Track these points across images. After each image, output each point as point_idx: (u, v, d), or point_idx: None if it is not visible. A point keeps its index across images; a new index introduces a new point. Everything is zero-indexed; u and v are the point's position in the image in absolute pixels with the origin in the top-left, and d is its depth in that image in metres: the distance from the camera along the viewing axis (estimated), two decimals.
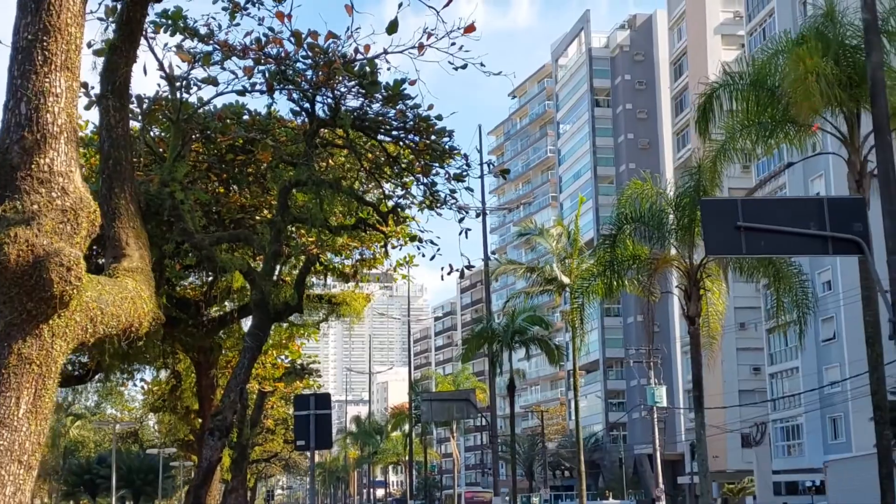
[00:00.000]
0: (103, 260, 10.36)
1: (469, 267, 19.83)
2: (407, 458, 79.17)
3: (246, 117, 17.39)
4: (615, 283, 24.58)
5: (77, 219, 6.84)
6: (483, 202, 32.95)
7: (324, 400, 16.02)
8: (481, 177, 33.99)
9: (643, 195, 24.94)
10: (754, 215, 16.30)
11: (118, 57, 9.76)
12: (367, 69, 16.01)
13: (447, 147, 18.38)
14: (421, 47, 15.54)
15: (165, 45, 14.99)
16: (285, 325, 28.34)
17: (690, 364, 25.17)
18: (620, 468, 79.82)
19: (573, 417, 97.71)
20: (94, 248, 15.36)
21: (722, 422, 65.55)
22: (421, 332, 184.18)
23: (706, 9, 77.78)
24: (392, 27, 13.56)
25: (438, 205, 19.20)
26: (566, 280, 36.56)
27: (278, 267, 20.89)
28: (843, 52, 17.55)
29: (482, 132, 39.58)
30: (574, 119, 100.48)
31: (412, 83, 16.45)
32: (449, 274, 20.33)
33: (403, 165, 19.55)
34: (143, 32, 12.08)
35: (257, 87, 16.16)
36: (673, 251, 24.94)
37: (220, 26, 15.05)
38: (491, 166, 20.58)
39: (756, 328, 69.77)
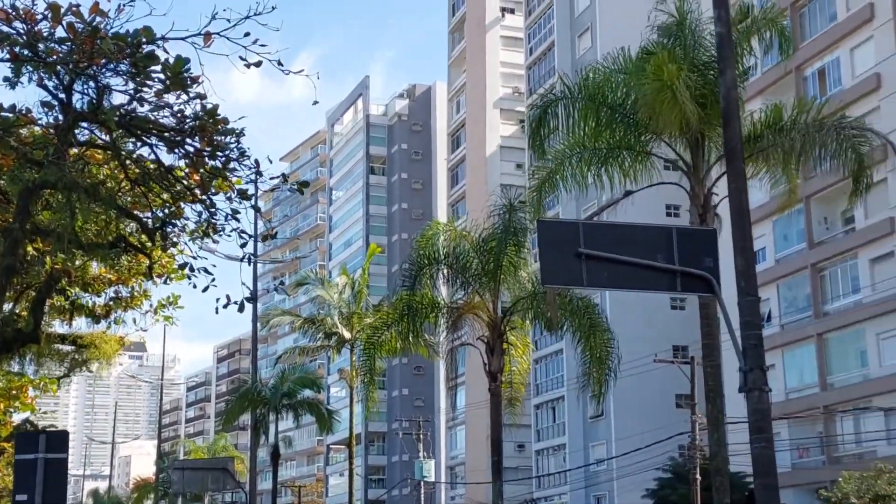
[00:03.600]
0: None
1: (250, 299, 16.50)
2: None
3: None
4: (412, 332, 21.89)
5: None
6: (255, 242, 29.46)
7: (58, 440, 12.02)
8: (254, 236, 30.76)
9: (448, 236, 22.51)
10: (597, 242, 13.90)
11: None
12: (143, 38, 12.78)
13: (234, 148, 15.01)
14: (208, 36, 12.55)
15: None
16: (15, 367, 23.81)
17: (492, 426, 22.62)
18: None
19: (329, 495, 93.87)
20: None
21: (485, 498, 63.81)
22: (171, 404, 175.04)
23: (486, 83, 77.92)
24: None
25: (215, 231, 15.71)
26: (347, 335, 33.66)
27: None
28: (692, 69, 15.90)
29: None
30: (348, 186, 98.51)
31: (198, 81, 13.28)
32: (226, 307, 16.83)
33: (180, 175, 15.85)
34: None
35: None
36: (477, 298, 22.56)
37: None
38: (286, 178, 17.36)
39: (524, 404, 68.77)
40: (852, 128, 16.25)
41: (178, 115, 14.09)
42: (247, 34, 12.18)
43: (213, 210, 15.41)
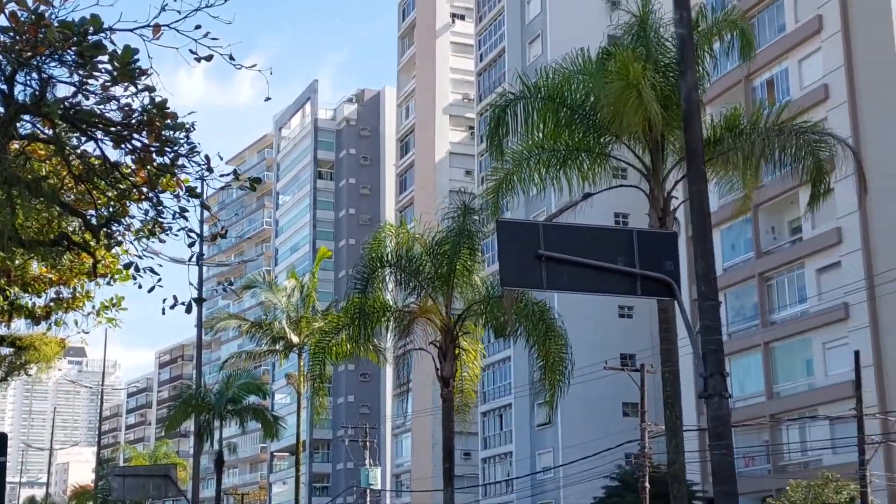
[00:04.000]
0: None
1: (198, 300, 15.98)
2: None
3: None
4: (364, 336, 21.43)
5: None
6: (201, 242, 28.77)
7: None
8: (200, 236, 30.15)
9: (401, 239, 22.09)
10: (557, 244, 13.61)
11: None
12: (90, 27, 12.25)
13: (183, 143, 14.48)
14: (157, 28, 12.05)
15: None
16: None
17: (444, 432, 22.23)
18: None
19: (273, 503, 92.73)
20: None
21: None
22: (111, 410, 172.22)
23: (436, 89, 77.63)
24: None
25: (162, 230, 15.19)
26: (296, 339, 33.07)
27: None
28: (655, 69, 15.67)
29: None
30: (295, 190, 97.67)
31: (146, 73, 12.77)
32: (172, 307, 16.29)
33: (127, 172, 15.24)
34: None
35: None
36: (430, 302, 22.16)
37: None
38: (237, 175, 16.83)
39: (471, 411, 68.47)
40: (812, 132, 16.17)
41: (126, 108, 13.52)
42: (198, 27, 11.70)
43: (160, 208, 14.91)
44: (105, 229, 15.86)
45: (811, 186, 16.24)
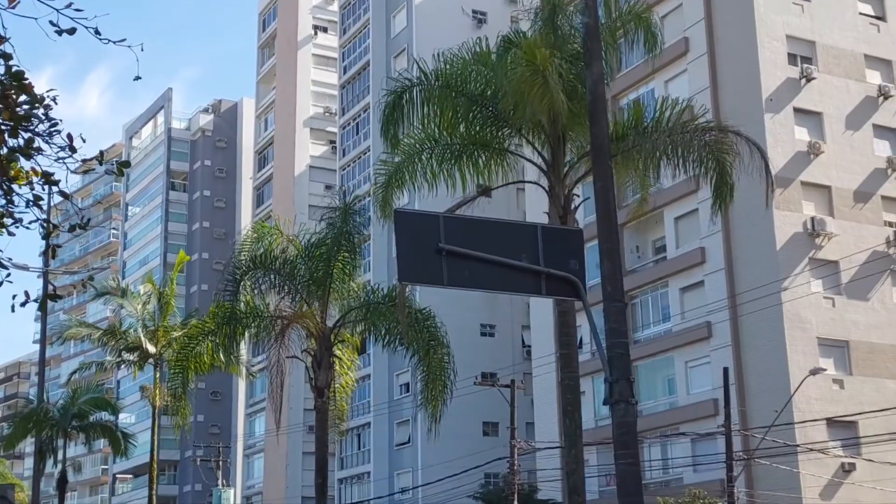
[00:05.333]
0: None
1: (53, 297, 14.37)
2: None
3: None
4: (233, 343, 19.98)
5: None
6: (48, 242, 26.73)
7: None
8: (47, 229, 28.05)
9: (273, 240, 20.75)
10: (459, 238, 12.67)
11: None
12: None
13: (43, 119, 12.90)
14: None
15: None
16: None
17: (317, 444, 20.86)
18: None
19: None
20: None
21: None
22: None
23: (297, 101, 76.03)
24: None
25: (13, 220, 13.55)
26: (152, 349, 31.15)
27: None
28: (560, 58, 14.90)
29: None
30: (146, 202, 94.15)
31: (4, 39, 11.23)
32: (24, 305, 14.63)
33: None
34: None
35: None
36: (305, 307, 20.86)
37: None
38: (102, 159, 15.26)
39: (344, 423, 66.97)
40: (720, 129, 15.67)
41: None
42: None
43: (10, 197, 13.27)
44: None
45: (713, 193, 15.75)
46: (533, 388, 49.35)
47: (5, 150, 12.74)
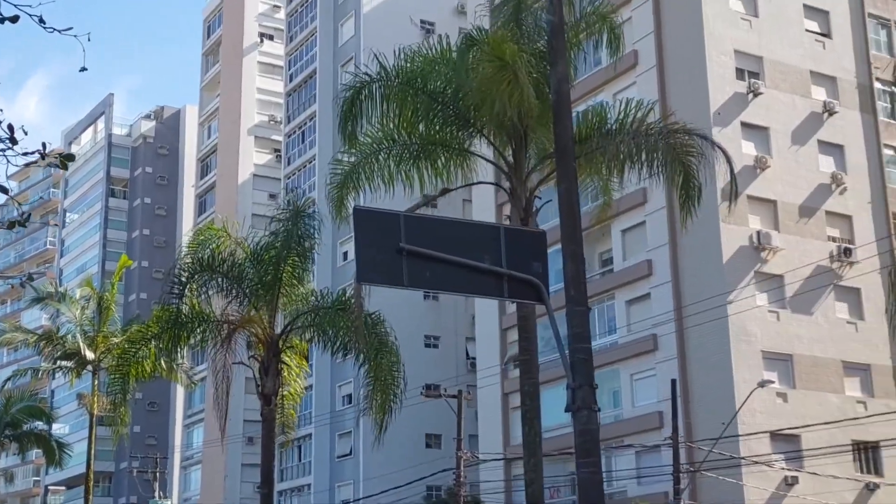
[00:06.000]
0: None
1: None
2: None
3: None
4: (179, 347, 19.36)
5: None
6: None
7: None
8: None
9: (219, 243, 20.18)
10: (420, 238, 12.32)
11: None
12: None
13: None
14: None
15: None
16: None
17: (263, 454, 20.28)
18: None
19: None
20: None
21: None
22: None
23: (241, 109, 75.11)
24: None
25: None
26: (91, 355, 30.25)
27: None
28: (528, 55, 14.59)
29: None
30: (84, 209, 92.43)
31: None
32: None
33: None
34: None
35: None
36: (253, 312, 20.30)
37: None
38: (45, 152, 14.64)
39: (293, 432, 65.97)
40: (685, 132, 15.46)
41: None
42: None
43: None
44: None
45: (680, 198, 15.51)
46: (477, 401, 48.98)
47: None
